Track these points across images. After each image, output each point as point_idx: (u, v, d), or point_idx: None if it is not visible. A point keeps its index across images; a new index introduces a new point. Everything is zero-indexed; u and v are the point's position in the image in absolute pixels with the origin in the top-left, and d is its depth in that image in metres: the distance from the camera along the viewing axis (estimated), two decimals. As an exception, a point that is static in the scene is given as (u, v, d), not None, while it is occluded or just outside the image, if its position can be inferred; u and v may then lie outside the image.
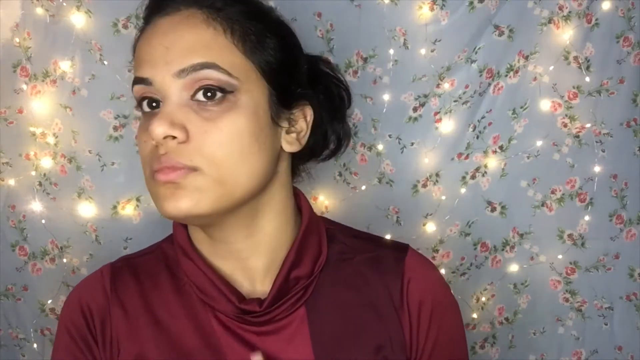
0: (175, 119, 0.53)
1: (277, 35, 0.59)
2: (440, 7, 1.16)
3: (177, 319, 0.62)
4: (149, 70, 0.55)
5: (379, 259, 0.67)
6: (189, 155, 0.53)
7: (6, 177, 1.18)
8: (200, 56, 0.53)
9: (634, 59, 1.22)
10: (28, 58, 1.12)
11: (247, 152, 0.55)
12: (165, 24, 0.55)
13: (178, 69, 0.53)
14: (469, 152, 1.26)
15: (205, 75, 0.53)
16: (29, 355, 1.29)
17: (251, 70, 0.56)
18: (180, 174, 0.53)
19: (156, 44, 0.55)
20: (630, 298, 1.33)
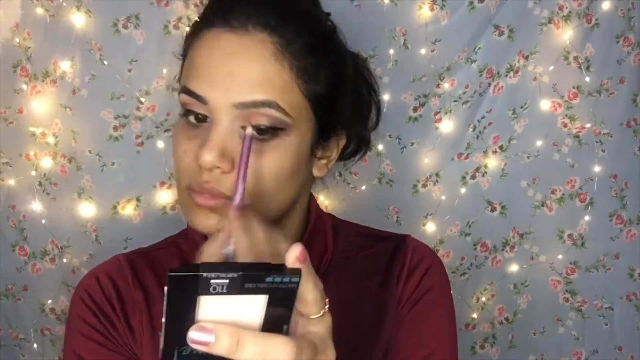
0: (226, 148, 0.53)
1: (334, 67, 0.58)
2: (440, 7, 1.16)
3: None
4: (206, 89, 0.53)
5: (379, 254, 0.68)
6: (230, 186, 0.53)
7: (6, 177, 1.17)
8: (263, 93, 0.52)
9: (634, 59, 1.22)
10: (28, 58, 1.12)
11: (283, 186, 0.56)
12: (232, 43, 0.53)
13: (239, 101, 0.52)
14: (469, 152, 1.25)
15: (263, 112, 0.53)
16: (29, 355, 1.29)
17: (305, 108, 0.56)
18: (219, 202, 0.54)
19: (219, 64, 0.53)
20: (630, 298, 1.33)
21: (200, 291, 0.34)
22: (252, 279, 0.35)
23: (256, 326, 0.37)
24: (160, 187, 1.19)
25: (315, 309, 0.41)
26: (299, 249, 0.39)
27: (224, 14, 0.54)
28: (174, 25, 1.12)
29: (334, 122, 0.61)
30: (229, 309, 0.36)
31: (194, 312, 0.35)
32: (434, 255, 0.71)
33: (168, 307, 0.35)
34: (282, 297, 0.37)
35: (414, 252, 0.68)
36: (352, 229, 0.72)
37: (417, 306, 0.66)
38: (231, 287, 0.35)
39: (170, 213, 1.20)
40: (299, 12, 0.57)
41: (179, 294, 0.35)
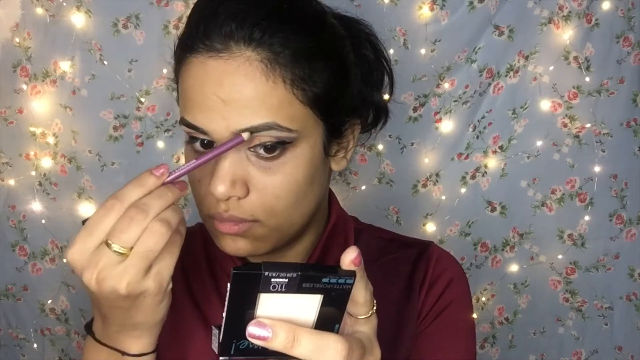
0: (236, 175, 0.52)
1: (331, 62, 0.55)
2: (440, 7, 1.16)
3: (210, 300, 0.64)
4: (203, 121, 0.51)
5: (401, 261, 0.68)
6: (249, 210, 0.53)
7: (6, 177, 1.18)
8: (260, 117, 0.50)
9: (634, 59, 1.22)
10: (28, 58, 1.12)
11: (302, 196, 0.55)
12: (219, 69, 0.50)
13: (237, 129, 0.50)
14: (469, 152, 1.25)
15: (265, 135, 0.51)
16: (29, 355, 1.29)
17: (308, 115, 0.54)
18: (242, 227, 0.54)
19: (210, 94, 0.50)
20: (630, 298, 1.33)
21: (261, 289, 0.37)
22: (310, 279, 0.37)
23: (310, 324, 0.40)
24: (160, 187, 1.19)
25: (364, 309, 0.43)
26: (355, 253, 0.40)
27: (205, 36, 0.51)
28: (174, 25, 1.12)
29: (343, 117, 0.59)
30: (286, 306, 0.38)
31: (254, 308, 0.38)
32: (457, 267, 0.70)
33: (230, 302, 0.38)
34: (336, 297, 0.39)
35: (437, 262, 0.67)
36: (375, 232, 0.71)
37: (437, 320, 0.65)
38: (289, 286, 0.37)
39: (170, 213, 1.20)
40: (283, 15, 0.52)
41: (240, 291, 0.37)
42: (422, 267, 0.67)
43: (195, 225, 0.72)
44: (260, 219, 0.54)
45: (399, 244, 0.70)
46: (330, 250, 0.64)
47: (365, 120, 0.66)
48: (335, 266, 0.39)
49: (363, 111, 0.63)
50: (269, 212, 0.54)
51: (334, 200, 0.69)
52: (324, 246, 0.64)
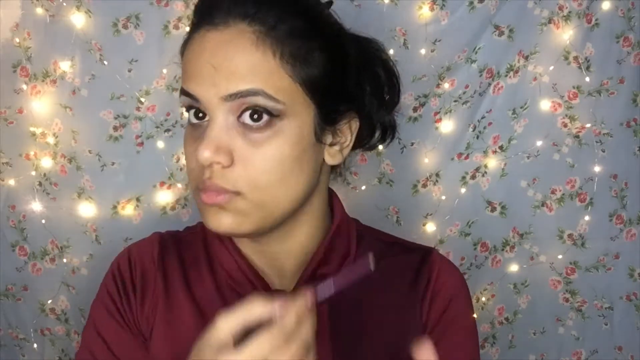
0: (222, 142, 0.54)
1: (328, 49, 0.58)
2: (440, 7, 1.16)
3: (210, 297, 0.65)
4: (196, 88, 0.55)
5: (404, 265, 0.68)
6: (232, 180, 0.55)
7: (6, 177, 1.18)
8: (246, 82, 0.53)
9: (634, 59, 1.22)
10: (28, 58, 1.12)
11: (288, 176, 0.56)
12: (214, 40, 0.55)
13: (225, 94, 0.53)
14: (469, 152, 1.25)
15: (250, 101, 0.54)
16: (29, 355, 1.29)
17: (298, 92, 0.56)
18: (224, 199, 0.55)
19: (204, 62, 0.54)
20: (630, 298, 1.33)
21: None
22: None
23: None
24: (160, 187, 1.19)
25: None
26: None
27: (208, 14, 0.56)
28: (174, 25, 1.12)
29: (338, 105, 0.60)
30: None
31: None
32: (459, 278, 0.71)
33: None
34: None
35: (440, 273, 0.68)
36: (376, 235, 0.72)
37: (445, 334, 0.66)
38: None
39: (170, 213, 1.21)
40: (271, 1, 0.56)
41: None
42: (425, 275, 0.67)
43: (197, 224, 0.73)
44: (242, 192, 0.55)
45: (401, 248, 0.71)
46: (334, 252, 0.65)
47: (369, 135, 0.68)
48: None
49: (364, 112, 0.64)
50: (252, 185, 0.55)
51: (337, 201, 0.69)
52: (327, 248, 0.64)
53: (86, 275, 1.22)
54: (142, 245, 0.71)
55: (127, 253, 0.70)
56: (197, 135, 0.56)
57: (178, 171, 1.19)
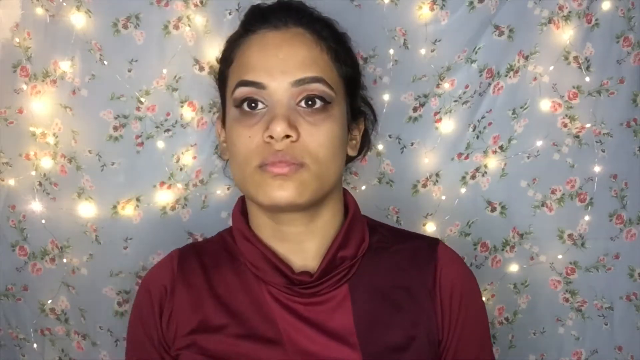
0: (290, 120, 0.64)
1: (351, 54, 0.74)
2: (440, 7, 1.16)
3: (234, 294, 0.73)
4: (264, 76, 0.65)
5: (412, 250, 0.77)
6: (300, 152, 0.64)
7: (6, 177, 1.18)
8: (312, 70, 0.65)
9: (634, 59, 1.22)
10: (28, 58, 1.12)
11: (337, 153, 0.68)
12: (277, 37, 0.66)
13: (294, 79, 0.65)
14: (469, 152, 1.26)
15: (314, 88, 0.65)
16: (29, 355, 1.29)
17: (341, 86, 0.69)
18: (292, 169, 0.64)
19: (271, 55, 0.65)
20: (630, 298, 1.33)
21: None
22: None
23: None
24: (160, 187, 1.19)
25: None
26: None
27: (264, 20, 0.68)
28: (174, 25, 1.13)
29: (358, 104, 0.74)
30: None
31: None
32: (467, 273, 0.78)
33: None
34: None
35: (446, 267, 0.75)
36: (386, 226, 0.81)
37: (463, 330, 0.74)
38: None
39: (170, 213, 1.21)
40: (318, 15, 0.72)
41: None
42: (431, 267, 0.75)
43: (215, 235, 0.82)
44: (307, 163, 0.64)
45: (409, 236, 0.80)
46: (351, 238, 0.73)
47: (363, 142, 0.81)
48: None
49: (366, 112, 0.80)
50: (314, 158, 0.65)
51: (350, 195, 0.78)
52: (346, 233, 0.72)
53: (86, 275, 1.22)
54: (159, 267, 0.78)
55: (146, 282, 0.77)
56: (252, 122, 0.65)
57: (178, 171, 1.19)
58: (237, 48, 0.69)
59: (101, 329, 1.26)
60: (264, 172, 0.64)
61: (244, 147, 0.66)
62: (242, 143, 0.66)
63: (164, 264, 0.78)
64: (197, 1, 1.12)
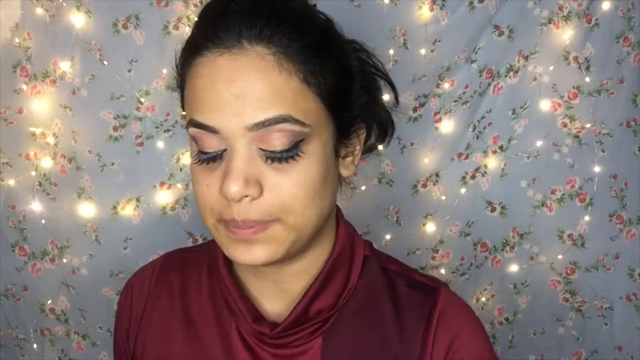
0: (249, 174, 0.51)
1: (338, 62, 0.56)
2: (440, 7, 1.16)
3: (206, 322, 0.64)
4: (215, 118, 0.50)
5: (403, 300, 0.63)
6: (265, 210, 0.52)
7: (6, 177, 1.17)
8: (275, 109, 0.50)
9: (634, 59, 1.22)
10: (28, 58, 1.12)
11: (317, 195, 0.54)
12: (231, 66, 0.50)
13: (251, 123, 0.50)
14: (469, 152, 1.25)
15: (279, 129, 0.50)
16: (28, 355, 1.29)
17: (320, 109, 0.53)
18: (257, 230, 0.52)
19: (222, 90, 0.50)
20: (630, 298, 1.33)
21: None
22: None
23: None
24: (160, 187, 1.19)
25: None
26: None
27: (214, 35, 0.51)
28: (174, 25, 1.12)
29: (351, 117, 0.58)
30: None
31: None
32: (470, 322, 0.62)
33: None
34: None
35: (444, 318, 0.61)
36: (384, 262, 0.66)
37: None
38: None
39: (170, 213, 1.20)
40: (291, 14, 0.53)
41: None
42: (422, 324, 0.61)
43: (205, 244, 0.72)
44: (279, 217, 0.52)
45: (406, 283, 0.64)
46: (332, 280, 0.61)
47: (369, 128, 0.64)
48: None
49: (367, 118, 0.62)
50: (286, 210, 0.52)
51: (341, 217, 0.65)
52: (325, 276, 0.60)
53: (86, 275, 1.22)
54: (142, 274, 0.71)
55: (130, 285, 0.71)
56: (212, 167, 0.53)
57: (178, 171, 1.19)
58: (188, 68, 0.53)
59: (101, 329, 1.26)
60: (226, 230, 0.53)
61: (202, 197, 0.54)
62: (200, 192, 0.54)
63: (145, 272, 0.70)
64: (197, 1, 1.12)
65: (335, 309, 0.60)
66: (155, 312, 0.67)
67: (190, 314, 0.65)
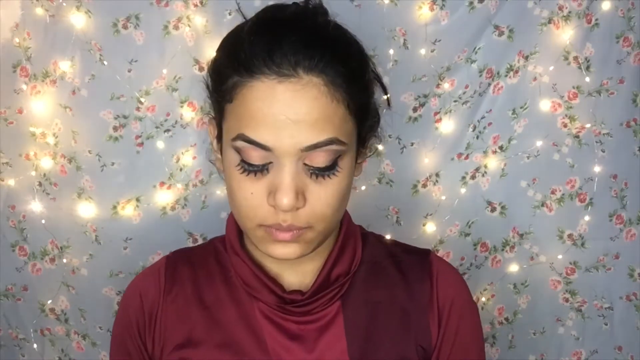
0: (298, 187, 0.58)
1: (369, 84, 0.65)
2: (440, 7, 1.16)
3: (224, 307, 0.70)
4: (269, 138, 0.56)
5: (405, 264, 0.74)
6: (305, 218, 0.60)
7: (6, 177, 1.18)
8: (326, 133, 0.57)
9: (633, 59, 1.22)
10: (28, 58, 1.12)
11: (344, 203, 0.64)
12: (288, 93, 0.56)
13: (305, 145, 0.57)
14: (469, 152, 1.26)
15: (326, 149, 0.58)
16: (28, 355, 1.29)
17: (353, 127, 0.61)
18: (296, 234, 0.61)
19: (279, 114, 0.56)
20: (630, 298, 1.33)
21: None
22: None
23: None
24: (160, 187, 1.19)
25: None
26: None
27: (273, 63, 0.56)
28: (174, 25, 1.12)
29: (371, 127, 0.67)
30: None
31: None
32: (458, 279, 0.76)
33: None
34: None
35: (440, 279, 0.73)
36: (378, 238, 0.78)
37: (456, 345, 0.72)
38: None
39: (170, 213, 1.20)
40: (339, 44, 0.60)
41: None
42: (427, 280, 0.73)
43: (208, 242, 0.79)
44: (312, 224, 0.61)
45: (402, 250, 0.77)
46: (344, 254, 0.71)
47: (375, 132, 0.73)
48: None
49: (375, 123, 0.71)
50: (320, 219, 0.61)
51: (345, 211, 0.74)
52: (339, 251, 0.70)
53: (86, 275, 1.23)
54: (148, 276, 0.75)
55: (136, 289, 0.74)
56: (256, 177, 0.59)
57: (178, 171, 1.19)
58: (239, 87, 0.58)
59: (101, 329, 1.26)
60: (266, 233, 0.61)
61: (245, 202, 0.60)
62: (243, 197, 0.60)
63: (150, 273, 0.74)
64: (197, 1, 1.12)
65: (349, 276, 0.70)
66: (170, 306, 0.71)
67: (206, 303, 0.71)
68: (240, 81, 0.58)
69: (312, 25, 0.60)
